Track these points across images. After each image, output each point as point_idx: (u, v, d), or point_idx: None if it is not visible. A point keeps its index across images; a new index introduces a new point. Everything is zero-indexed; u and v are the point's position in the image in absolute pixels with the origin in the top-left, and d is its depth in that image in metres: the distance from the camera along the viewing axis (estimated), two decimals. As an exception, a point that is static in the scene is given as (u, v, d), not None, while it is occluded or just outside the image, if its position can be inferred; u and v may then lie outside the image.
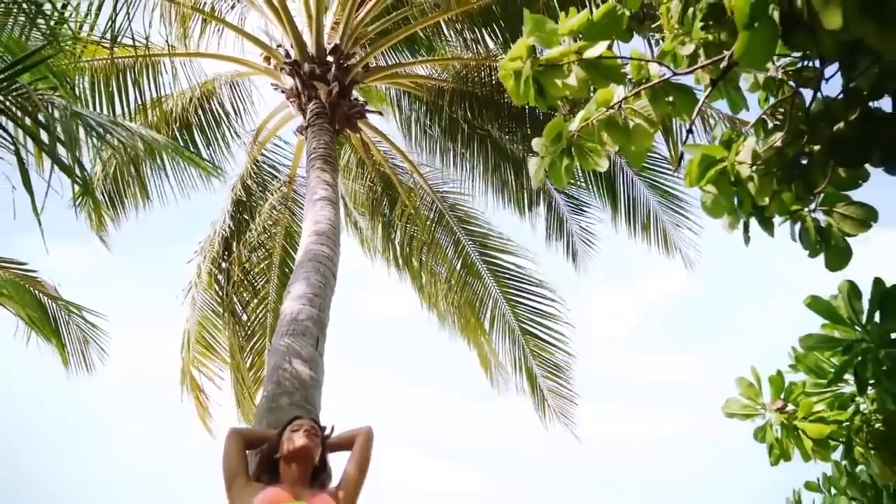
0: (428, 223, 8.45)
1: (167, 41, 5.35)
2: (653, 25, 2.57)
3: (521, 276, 8.62)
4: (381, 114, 7.30)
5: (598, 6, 2.29)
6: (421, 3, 6.44)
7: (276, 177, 7.95)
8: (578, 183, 8.71)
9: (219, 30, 6.70)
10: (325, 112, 5.85)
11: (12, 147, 2.32)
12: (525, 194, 8.56)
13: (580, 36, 2.13)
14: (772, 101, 2.42)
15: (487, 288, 8.62)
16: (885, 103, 2.00)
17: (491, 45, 6.52)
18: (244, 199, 7.43)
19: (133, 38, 4.92)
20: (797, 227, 2.22)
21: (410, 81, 7.31)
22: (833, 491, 3.42)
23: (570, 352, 8.50)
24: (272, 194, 7.72)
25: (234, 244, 7.30)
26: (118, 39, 5.06)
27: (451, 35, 6.76)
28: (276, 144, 7.90)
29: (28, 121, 2.40)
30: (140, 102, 5.90)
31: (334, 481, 2.68)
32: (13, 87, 2.33)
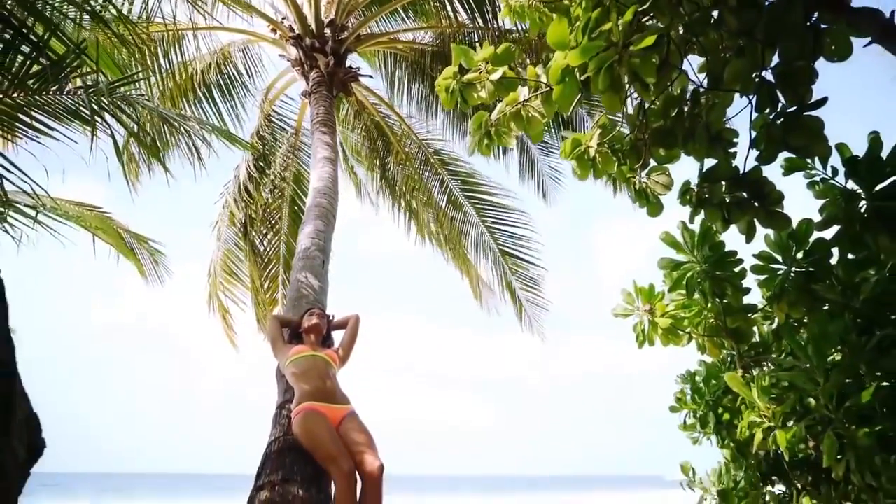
0: (417, 165, 9.20)
1: (189, 17, 6.09)
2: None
3: (497, 205, 9.38)
4: (371, 77, 8.05)
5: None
6: (405, -24, 7.09)
7: (284, 129, 8.69)
8: (547, 128, 9.43)
9: (232, 3, 7.34)
10: (325, 80, 6.62)
11: (108, 131, 3.27)
12: (499, 138, 9.25)
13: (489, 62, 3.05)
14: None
15: (469, 218, 9.45)
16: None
17: (463, 14, 7.21)
18: (260, 147, 8.27)
19: (163, 18, 5.71)
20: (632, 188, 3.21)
21: (396, 45, 8.00)
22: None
23: (543, 266, 9.45)
24: (283, 143, 8.55)
25: (253, 186, 8.19)
26: (151, 18, 5.86)
27: (430, 5, 7.41)
28: (283, 101, 8.61)
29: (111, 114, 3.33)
30: (169, 69, 6.71)
31: (335, 346, 3.99)
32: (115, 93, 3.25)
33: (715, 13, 2.54)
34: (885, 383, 2.84)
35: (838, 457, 2.66)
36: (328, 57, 6.70)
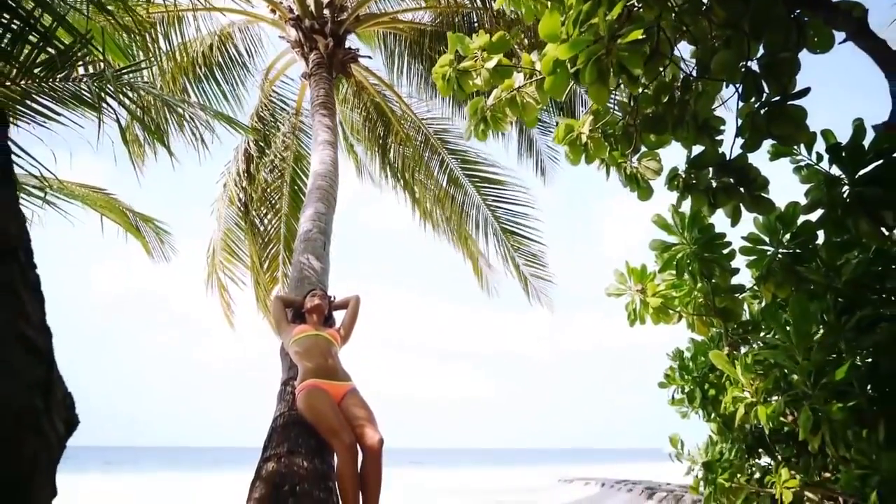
0: (417, 145, 9.23)
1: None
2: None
3: (497, 182, 9.34)
4: (370, 58, 8.06)
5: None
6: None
7: (285, 109, 8.69)
8: (546, 108, 9.41)
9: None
10: (325, 62, 6.64)
11: (114, 116, 3.36)
12: (498, 118, 9.21)
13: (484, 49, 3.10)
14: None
15: (470, 196, 9.46)
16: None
17: (463, -6, 7.20)
18: (259, 128, 8.30)
19: (164, 0, 5.74)
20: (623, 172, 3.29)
21: (396, 25, 7.98)
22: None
23: (544, 243, 9.47)
24: (283, 124, 8.56)
25: (253, 166, 8.24)
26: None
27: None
28: (283, 82, 8.58)
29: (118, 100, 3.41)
30: (170, 49, 6.72)
31: (337, 325, 4.09)
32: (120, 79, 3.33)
33: (705, 0, 2.60)
34: (866, 360, 2.97)
35: (820, 431, 2.79)
36: (328, 38, 6.70)
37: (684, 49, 3.12)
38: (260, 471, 3.13)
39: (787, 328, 2.91)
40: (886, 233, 2.91)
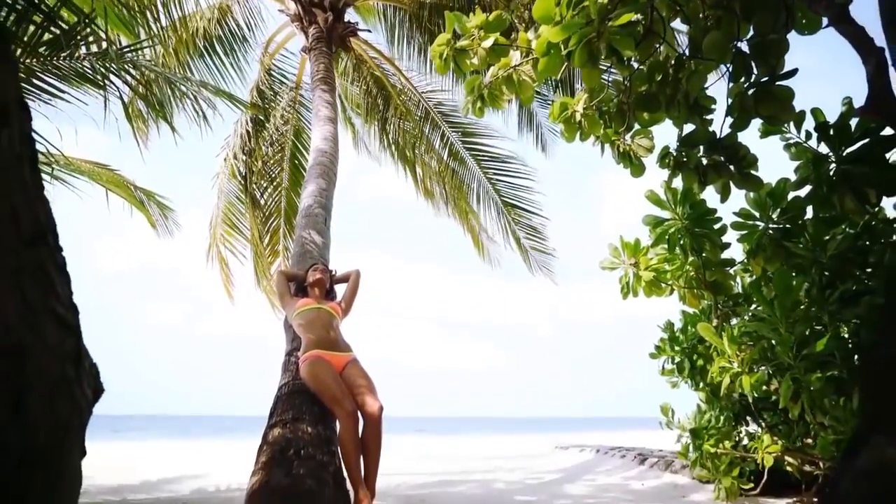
0: (417, 119, 9.16)
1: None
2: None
3: (498, 156, 9.24)
4: (370, 31, 7.99)
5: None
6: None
7: (284, 83, 8.65)
8: (545, 81, 9.31)
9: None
10: (324, 36, 6.60)
11: (117, 94, 3.41)
12: (497, 91, 9.12)
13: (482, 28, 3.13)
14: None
15: (471, 169, 9.38)
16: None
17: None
18: (259, 102, 8.27)
19: (163, -27, 5.69)
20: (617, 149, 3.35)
21: (396, -1, 7.88)
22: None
23: (544, 215, 9.41)
24: (283, 98, 8.53)
25: (253, 140, 8.23)
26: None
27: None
28: (283, 56, 8.49)
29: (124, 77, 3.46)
30: (170, 22, 6.66)
31: (338, 299, 4.18)
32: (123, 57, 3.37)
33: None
34: (845, 332, 3.07)
35: (800, 399, 2.91)
36: (327, 12, 6.66)
37: (680, 26, 3.15)
38: (267, 436, 3.26)
39: (773, 302, 3.00)
40: (874, 210, 2.98)
